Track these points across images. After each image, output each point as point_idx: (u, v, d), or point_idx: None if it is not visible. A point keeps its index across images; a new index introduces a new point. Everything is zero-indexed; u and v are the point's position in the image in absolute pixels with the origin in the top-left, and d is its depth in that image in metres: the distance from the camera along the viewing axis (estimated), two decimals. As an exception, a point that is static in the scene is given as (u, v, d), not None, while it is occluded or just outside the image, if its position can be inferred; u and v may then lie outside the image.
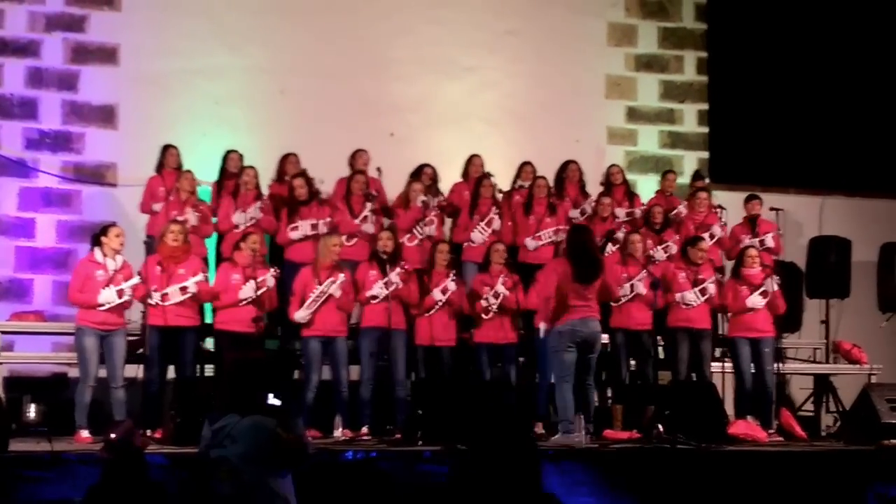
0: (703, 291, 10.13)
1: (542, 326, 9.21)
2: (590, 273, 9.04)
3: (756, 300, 10.16)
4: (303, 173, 10.57)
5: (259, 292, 9.31)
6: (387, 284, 9.59)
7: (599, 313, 9.26)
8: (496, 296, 9.89)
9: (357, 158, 11.06)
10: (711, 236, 11.11)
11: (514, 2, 13.29)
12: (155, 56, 12.02)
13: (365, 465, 7.80)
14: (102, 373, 9.05)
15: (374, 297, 9.61)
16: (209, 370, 9.85)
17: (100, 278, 8.98)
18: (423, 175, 11.06)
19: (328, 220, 10.31)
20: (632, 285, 10.07)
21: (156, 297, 9.08)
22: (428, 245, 10.39)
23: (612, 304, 9.99)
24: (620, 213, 11.39)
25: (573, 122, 13.19)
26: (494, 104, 13.03)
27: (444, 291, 9.80)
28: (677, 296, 10.12)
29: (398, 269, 9.69)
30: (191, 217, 9.99)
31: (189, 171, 10.38)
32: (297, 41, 12.42)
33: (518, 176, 11.50)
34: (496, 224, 10.72)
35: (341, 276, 9.48)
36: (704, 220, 11.35)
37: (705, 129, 13.79)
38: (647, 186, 12.67)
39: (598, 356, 9.35)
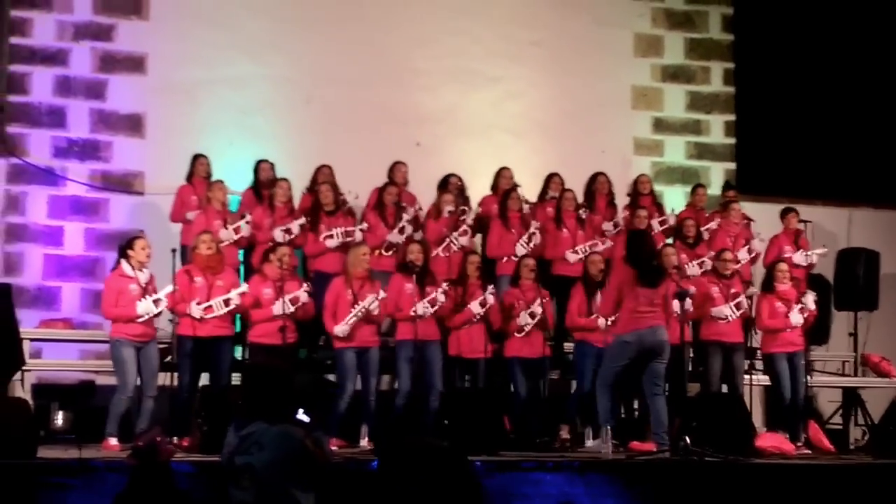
0: (737, 306, 10.09)
1: (602, 321, 9.44)
2: (655, 276, 8.90)
3: (797, 318, 10.11)
4: (331, 182, 10.58)
5: (292, 309, 9.31)
6: (432, 303, 9.60)
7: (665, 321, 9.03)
8: (532, 315, 9.85)
9: (395, 170, 11.05)
10: (750, 251, 11.08)
11: (539, 13, 13.27)
12: (182, 65, 12.07)
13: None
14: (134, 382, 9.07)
15: (420, 317, 9.58)
16: (236, 379, 9.83)
17: (133, 291, 8.98)
18: (450, 185, 11.05)
19: (364, 226, 10.29)
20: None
21: (198, 311, 9.08)
22: (455, 257, 10.34)
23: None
24: (655, 224, 11.32)
25: (599, 133, 13.17)
26: (520, 115, 13.03)
27: (482, 304, 9.77)
28: (713, 310, 10.06)
29: (443, 288, 9.68)
30: (244, 228, 10.04)
31: (221, 181, 10.41)
32: (323, 51, 12.45)
33: (546, 187, 11.48)
34: (537, 239, 10.67)
35: (382, 293, 9.46)
36: (741, 232, 11.29)
37: (732, 140, 13.75)
38: (673, 198, 12.64)
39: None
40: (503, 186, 11.26)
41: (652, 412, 8.95)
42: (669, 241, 10.95)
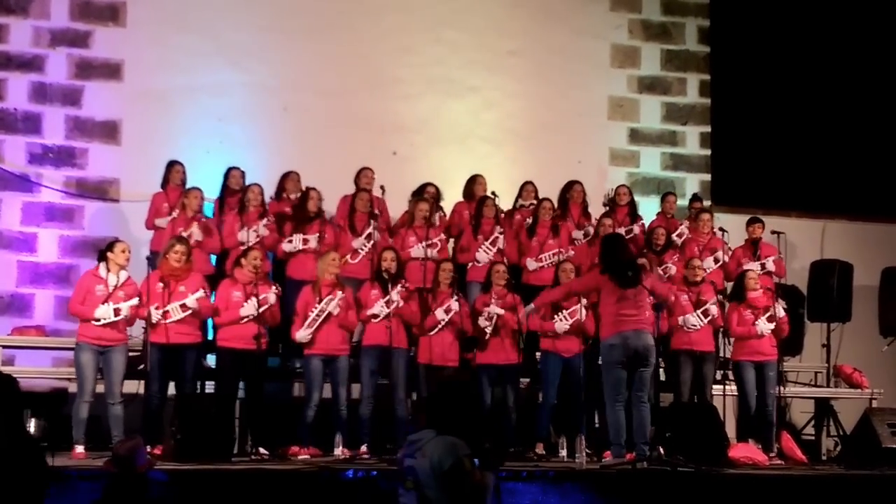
0: (705, 313, 10.11)
1: (530, 307, 9.44)
2: (632, 276, 8.90)
3: (765, 326, 10.15)
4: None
5: (261, 310, 9.31)
6: (388, 303, 9.59)
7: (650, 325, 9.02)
8: (490, 317, 9.87)
9: (362, 177, 11.05)
10: (716, 260, 11.13)
11: (517, 23, 13.31)
12: (159, 72, 12.04)
13: (366, 483, 7.78)
14: (99, 388, 9.04)
15: (375, 316, 9.61)
16: (210, 387, 9.80)
17: (99, 293, 8.98)
18: (426, 194, 11.07)
19: (317, 235, 10.28)
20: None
21: (156, 315, 9.06)
22: (431, 265, 10.36)
23: None
24: (621, 233, 11.38)
25: (575, 143, 13.21)
26: (496, 124, 13.06)
27: (447, 311, 9.77)
28: (680, 319, 10.09)
29: (399, 288, 9.69)
30: (195, 232, 9.98)
31: (197, 188, 10.39)
32: (301, 59, 12.45)
33: (519, 195, 11.52)
34: (500, 243, 10.71)
35: (339, 294, 9.47)
36: (709, 242, 11.34)
37: (707, 152, 13.82)
38: (649, 208, 12.65)
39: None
40: (478, 193, 11.29)
41: (634, 421, 8.91)
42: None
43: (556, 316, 9.84)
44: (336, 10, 12.66)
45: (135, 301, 8.99)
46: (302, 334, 9.38)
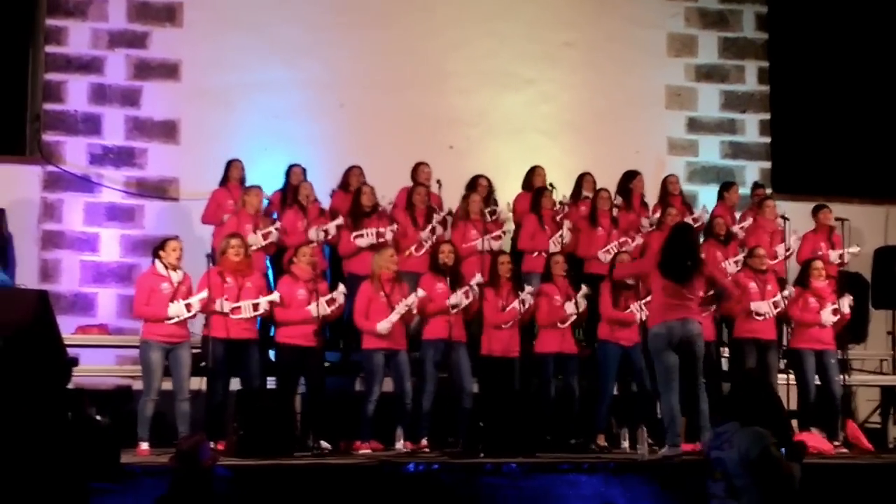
0: (775, 304, 10.03)
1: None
2: (683, 271, 8.86)
3: (828, 317, 10.06)
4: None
5: (331, 309, 9.36)
6: (466, 294, 9.62)
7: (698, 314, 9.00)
8: (577, 304, 9.88)
9: (419, 171, 11.06)
10: (786, 248, 11.02)
11: (571, 14, 13.24)
12: (216, 71, 12.12)
13: (427, 477, 7.79)
14: (165, 385, 9.12)
15: (455, 306, 9.60)
16: (270, 383, 9.86)
17: (165, 291, 9.06)
18: (479, 186, 11.05)
19: (394, 227, 10.31)
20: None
21: (226, 306, 9.11)
22: (486, 259, 10.33)
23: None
24: (689, 222, 11.28)
25: (633, 134, 13.12)
26: (552, 116, 13.00)
27: (522, 303, 9.76)
28: (752, 305, 10.00)
29: (477, 280, 9.73)
30: (273, 234, 10.08)
31: (258, 187, 10.46)
32: (355, 55, 12.46)
33: (579, 187, 11.47)
34: (567, 238, 10.66)
35: (421, 292, 9.50)
36: (776, 230, 11.23)
37: (767, 140, 13.66)
38: (708, 197, 12.55)
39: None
40: (536, 184, 11.26)
41: (698, 408, 8.91)
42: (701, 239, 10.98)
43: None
44: (388, 4, 12.68)
45: (204, 294, 9.05)
46: (385, 325, 9.37)
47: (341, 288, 9.58)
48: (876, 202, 13.50)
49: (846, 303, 10.21)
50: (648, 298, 9.75)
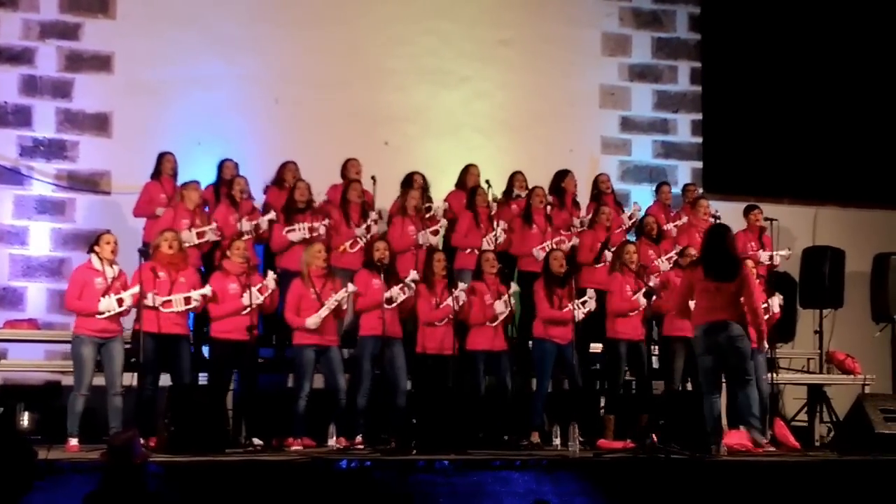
0: None
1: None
2: (721, 271, 8.90)
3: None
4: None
5: (263, 297, 9.33)
6: (403, 289, 9.66)
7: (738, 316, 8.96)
8: (507, 303, 9.92)
9: (349, 167, 11.05)
10: (770, 257, 11.20)
11: (508, 13, 13.29)
12: (149, 64, 12.00)
13: (359, 474, 7.79)
14: (96, 381, 9.02)
15: (390, 301, 9.61)
16: (202, 378, 9.79)
17: (98, 286, 8.96)
18: (414, 182, 11.06)
19: (326, 222, 10.29)
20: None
21: (157, 300, 9.03)
22: (421, 255, 10.36)
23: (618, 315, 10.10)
24: (624, 219, 11.50)
25: (567, 132, 13.21)
26: (488, 114, 13.05)
27: (456, 301, 9.79)
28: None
29: (413, 276, 9.75)
30: (209, 235, 10.04)
31: (196, 182, 10.40)
32: (292, 51, 12.42)
33: (511, 185, 11.52)
34: (501, 238, 10.71)
35: (352, 287, 9.49)
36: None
37: (699, 139, 13.82)
38: (641, 196, 12.68)
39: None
40: (470, 182, 11.30)
41: (740, 403, 9.06)
42: (632, 238, 11.11)
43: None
44: (327, 1, 12.64)
45: (136, 289, 8.96)
46: (314, 320, 9.35)
47: (271, 275, 9.54)
48: (804, 203, 13.70)
49: (776, 302, 10.35)
50: (585, 298, 9.85)
